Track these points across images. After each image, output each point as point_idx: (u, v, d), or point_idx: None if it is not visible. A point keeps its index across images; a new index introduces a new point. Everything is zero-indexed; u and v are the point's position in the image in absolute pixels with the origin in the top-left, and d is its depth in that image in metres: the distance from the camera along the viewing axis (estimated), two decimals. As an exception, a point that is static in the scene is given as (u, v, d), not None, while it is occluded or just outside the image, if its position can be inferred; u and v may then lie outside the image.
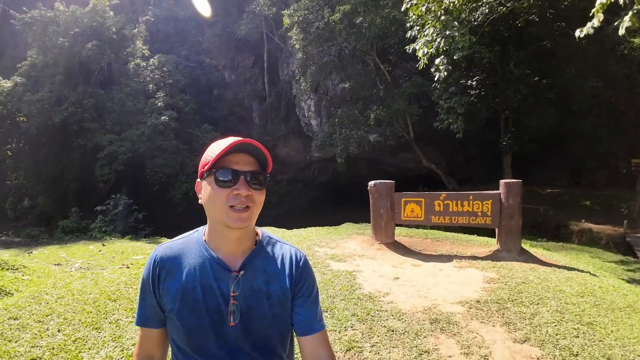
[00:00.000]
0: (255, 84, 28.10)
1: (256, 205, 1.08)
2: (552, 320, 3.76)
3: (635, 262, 9.42)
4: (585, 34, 6.38)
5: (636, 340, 3.43)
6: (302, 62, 18.99)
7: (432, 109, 18.73)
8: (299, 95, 24.68)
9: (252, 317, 1.08)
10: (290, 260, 1.17)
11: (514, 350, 3.30)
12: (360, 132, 18.57)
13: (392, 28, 17.15)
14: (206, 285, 1.08)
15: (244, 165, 1.06)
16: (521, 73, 16.86)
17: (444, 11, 9.50)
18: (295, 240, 6.79)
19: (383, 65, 19.14)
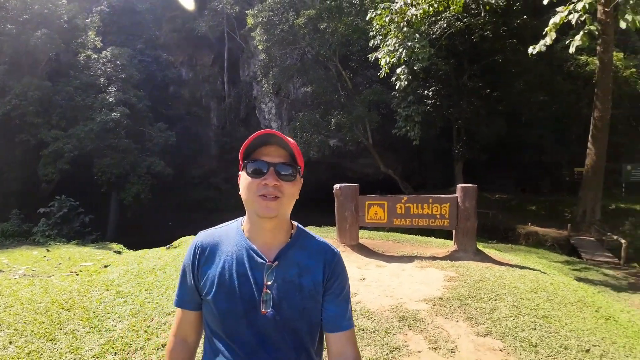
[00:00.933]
0: (214, 83, 27.56)
1: (286, 196, 1.11)
2: (510, 315, 4.01)
3: (580, 262, 10.25)
4: (537, 50, 6.95)
5: (589, 331, 3.75)
6: (264, 64, 18.91)
7: (391, 116, 19.38)
8: (260, 97, 24.52)
9: (284, 308, 1.11)
10: (325, 255, 1.19)
11: (477, 343, 3.48)
12: (321, 136, 18.78)
13: (355, 36, 17.60)
14: (241, 273, 1.12)
15: (275, 157, 1.11)
16: (474, 86, 17.91)
17: (406, 23, 9.92)
18: None
19: (345, 71, 19.53)
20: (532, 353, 3.33)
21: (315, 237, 1.24)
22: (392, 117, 19.57)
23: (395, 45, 10.12)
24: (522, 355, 3.30)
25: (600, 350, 3.43)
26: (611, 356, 3.35)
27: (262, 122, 25.94)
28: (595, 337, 3.69)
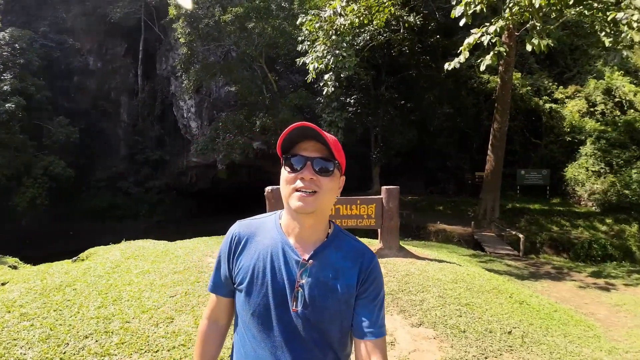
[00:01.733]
0: (126, 76, 25.28)
1: (323, 191, 1.09)
2: (438, 305, 4.41)
3: (485, 255, 11.53)
4: (452, 67, 7.73)
5: (508, 315, 4.29)
6: (185, 59, 17.94)
7: (315, 120, 19.83)
8: (178, 93, 23.08)
9: (315, 308, 1.11)
10: (361, 258, 1.16)
11: (413, 333, 3.78)
12: (244, 138, 18.46)
13: (282, 39, 17.71)
14: (276, 267, 1.12)
15: (312, 152, 1.10)
16: (391, 96, 19.28)
17: (335, 32, 10.32)
18: (182, 253, 6.22)
19: (270, 74, 19.50)
20: (462, 338, 3.71)
21: (352, 239, 1.22)
22: (316, 121, 20.05)
23: (324, 52, 10.43)
24: (454, 341, 3.66)
25: (520, 332, 3.96)
26: (531, 336, 3.89)
27: (179, 120, 24.48)
28: (514, 320, 4.25)
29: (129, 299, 4.11)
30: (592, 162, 15.91)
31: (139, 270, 5.12)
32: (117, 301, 4.06)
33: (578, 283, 8.46)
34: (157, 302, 4.06)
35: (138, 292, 4.32)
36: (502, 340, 3.78)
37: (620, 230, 13.59)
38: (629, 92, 17.63)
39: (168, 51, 24.29)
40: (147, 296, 4.20)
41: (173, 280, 4.73)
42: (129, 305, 3.98)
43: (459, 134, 21.50)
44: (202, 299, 4.18)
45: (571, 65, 20.27)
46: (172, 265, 5.36)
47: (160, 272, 5.03)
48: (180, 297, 4.24)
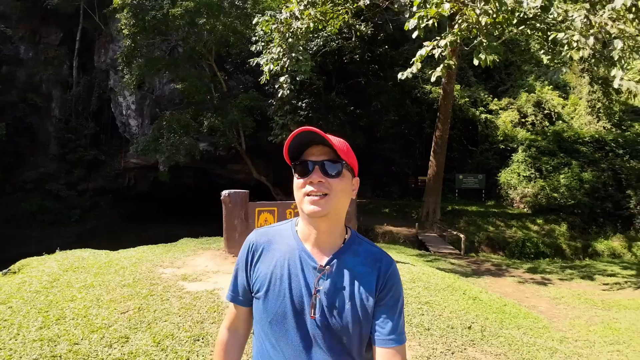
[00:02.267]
0: (60, 67, 23.09)
1: (334, 192, 1.09)
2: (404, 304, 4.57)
3: (430, 254, 12.11)
4: (404, 77, 8.07)
5: (465, 311, 4.53)
6: (128, 52, 16.84)
7: (265, 123, 19.68)
8: (118, 88, 21.55)
9: (333, 315, 1.10)
10: (379, 263, 1.15)
11: (382, 332, 3.88)
12: (190, 139, 17.73)
13: (232, 38, 17.32)
14: (293, 275, 1.13)
15: (319, 156, 1.10)
16: (341, 102, 19.67)
17: (291, 34, 10.32)
18: (128, 263, 5.82)
19: (219, 73, 18.98)
20: (427, 336, 3.87)
21: (369, 244, 1.21)
22: (266, 124, 19.87)
23: (280, 54, 10.40)
24: (421, 339, 3.80)
25: (479, 326, 4.20)
26: (488, 330, 4.14)
27: (117, 117, 22.89)
28: (471, 315, 4.50)
29: (75, 317, 3.78)
30: (524, 168, 17.41)
31: (81, 284, 4.73)
32: (60, 320, 3.71)
33: (517, 278, 9.19)
34: (108, 320, 3.75)
35: (84, 309, 3.98)
36: (464, 335, 4.00)
37: (551, 230, 15.01)
38: (557, 104, 19.61)
39: (108, 43, 22.65)
40: (94, 313, 3.89)
41: (122, 294, 4.40)
42: (75, 324, 3.65)
43: (404, 140, 22.48)
44: (159, 314, 3.92)
45: (505, 79, 22.06)
46: (118, 277, 5.01)
47: (106, 286, 4.67)
48: (133, 313, 3.93)
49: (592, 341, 4.67)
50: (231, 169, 24.65)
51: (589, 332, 5.06)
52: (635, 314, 5.83)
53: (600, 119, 18.08)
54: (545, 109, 19.73)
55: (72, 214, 21.32)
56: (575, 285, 8.70)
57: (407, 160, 21.82)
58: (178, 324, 3.69)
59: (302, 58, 10.25)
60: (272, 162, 23.87)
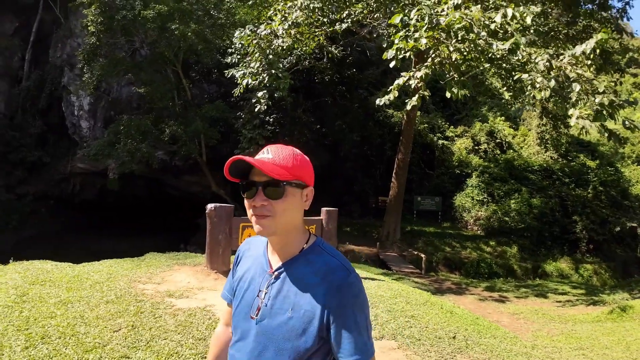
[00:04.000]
0: (11, 59, 21.39)
1: (278, 212, 1.10)
2: (390, 318, 4.83)
3: (393, 273, 12.58)
4: (383, 102, 8.61)
5: (446, 323, 4.90)
6: (91, 50, 16.18)
7: (227, 134, 19.61)
8: (72, 87, 20.31)
9: (272, 323, 1.12)
10: (332, 275, 1.11)
11: (379, 346, 4.10)
12: (149, 146, 17.15)
13: (201, 46, 17.24)
14: (252, 278, 1.21)
15: (262, 176, 1.10)
16: (307, 120, 20.14)
17: (272, 51, 10.59)
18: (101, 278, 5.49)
19: (185, 80, 18.72)
20: (420, 346, 4.18)
21: (329, 254, 1.17)
22: (228, 136, 19.77)
23: (259, 69, 10.60)
24: (415, 349, 4.10)
25: (461, 336, 4.58)
26: (471, 339, 4.54)
27: (68, 117, 21.48)
28: (452, 327, 4.88)
29: (61, 336, 3.58)
30: (477, 192, 18.73)
31: (55, 299, 4.47)
32: (46, 339, 3.51)
33: (477, 296, 9.88)
34: (100, 339, 3.59)
35: (68, 326, 3.79)
36: (451, 344, 4.36)
37: (503, 251, 16.20)
38: (508, 134, 21.40)
39: (66, 37, 21.41)
40: (83, 332, 3.71)
41: (108, 311, 4.24)
42: (64, 343, 3.46)
43: (365, 161, 23.31)
44: (155, 331, 3.85)
45: (461, 108, 23.76)
46: (98, 293, 4.80)
47: (87, 302, 4.45)
48: (127, 331, 3.81)
49: (559, 347, 5.25)
50: (186, 180, 23.91)
51: (553, 342, 5.66)
52: (591, 326, 6.58)
53: (548, 149, 20.01)
54: (497, 138, 21.46)
55: (10, 220, 19.62)
56: (531, 302, 9.53)
57: (368, 180, 22.59)
58: (180, 342, 3.66)
59: (281, 75, 10.49)
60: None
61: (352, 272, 1.13)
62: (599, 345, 5.49)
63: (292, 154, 1.16)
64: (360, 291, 1.13)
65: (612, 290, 11.27)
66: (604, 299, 9.54)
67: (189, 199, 24.36)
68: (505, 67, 8.79)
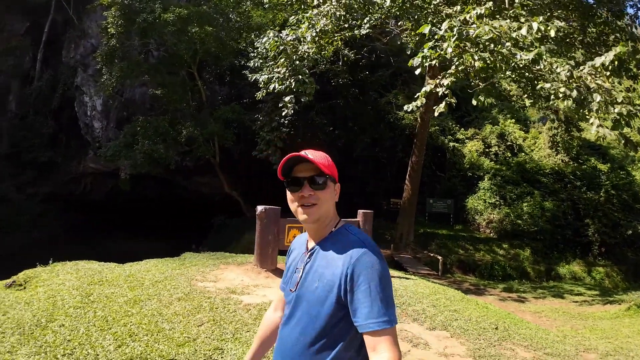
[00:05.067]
0: (22, 58, 21.95)
1: (322, 201, 1.38)
2: (436, 312, 5.37)
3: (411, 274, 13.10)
4: (410, 109, 9.17)
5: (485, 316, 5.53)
6: (109, 51, 16.73)
7: (240, 136, 20.17)
8: (85, 87, 20.89)
9: (304, 293, 1.37)
10: (351, 250, 1.31)
11: (434, 335, 4.64)
12: (166, 148, 17.64)
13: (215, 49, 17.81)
14: (295, 260, 1.52)
15: (307, 172, 1.38)
16: (320, 122, 20.67)
17: (299, 57, 11.13)
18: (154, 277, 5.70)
19: (201, 82, 19.26)
20: (469, 335, 4.75)
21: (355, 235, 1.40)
22: (242, 137, 20.31)
23: (286, 74, 11.12)
24: (465, 337, 4.67)
25: (502, 327, 5.17)
26: (510, 330, 5.12)
27: (80, 118, 21.94)
28: (492, 319, 5.45)
29: (148, 333, 3.81)
30: (489, 195, 19.29)
31: (124, 298, 4.73)
32: (134, 337, 3.71)
33: (496, 297, 10.44)
34: (188, 334, 3.84)
35: (151, 323, 4.03)
36: (495, 334, 4.93)
37: (516, 254, 16.75)
38: (519, 137, 21.97)
39: (80, 38, 21.94)
40: (168, 328, 3.94)
41: (184, 308, 4.51)
42: (155, 339, 3.68)
43: (376, 163, 23.85)
44: (237, 325, 4.17)
45: (471, 110, 24.31)
46: (164, 291, 5.12)
47: (158, 300, 4.74)
48: (210, 325, 4.10)
49: (586, 337, 5.84)
50: (197, 181, 24.35)
51: (579, 334, 6.25)
52: (610, 322, 7.18)
53: (559, 152, 20.56)
54: (507, 140, 22.02)
55: (20, 221, 20.08)
56: (549, 302, 10.11)
57: (379, 182, 23.13)
58: None
59: (307, 81, 11.04)
60: (242, 176, 24.08)
61: (370, 246, 1.32)
62: (621, 335, 6.09)
63: (325, 156, 1.44)
64: (376, 262, 1.28)
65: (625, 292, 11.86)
66: (619, 298, 10.13)
67: (199, 200, 24.86)
68: (528, 76, 9.35)
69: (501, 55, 8.14)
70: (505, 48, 8.01)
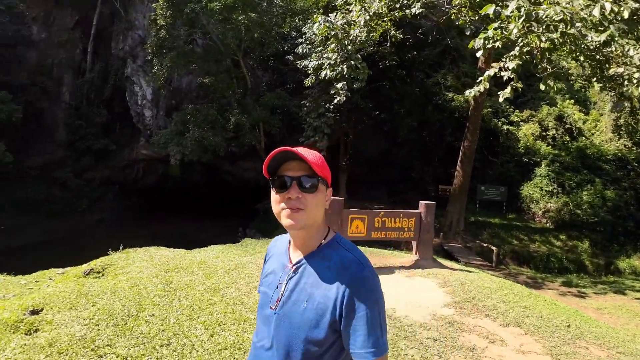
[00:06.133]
0: (73, 51, 23.44)
1: (310, 206, 1.22)
2: (507, 308, 5.37)
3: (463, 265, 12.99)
4: (472, 95, 8.94)
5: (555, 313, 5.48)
6: (159, 42, 17.40)
7: (290, 122, 20.42)
8: (135, 77, 21.98)
9: (288, 312, 1.23)
10: (345, 271, 1.20)
11: (509, 332, 4.69)
12: (216, 135, 18.26)
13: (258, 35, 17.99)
14: (275, 273, 1.36)
15: (297, 171, 1.22)
16: (365, 105, 20.43)
17: (350, 42, 11.02)
18: (225, 265, 5.97)
19: (245, 69, 19.61)
20: (542, 332, 4.76)
21: (346, 249, 1.27)
22: (290, 123, 20.55)
23: (337, 60, 11.09)
24: (539, 335, 4.69)
25: (574, 325, 5.14)
26: (582, 327, 5.11)
27: (132, 107, 23.24)
28: (562, 317, 5.41)
29: (235, 322, 4.05)
30: (546, 182, 18.54)
31: (203, 286, 4.99)
32: (222, 326, 3.95)
33: (556, 291, 10.19)
34: None
35: (236, 312, 4.28)
36: (568, 332, 4.91)
37: (574, 246, 16.14)
38: (579, 119, 20.81)
39: (127, 30, 23.08)
40: (252, 317, 4.18)
41: None
42: (242, 328, 3.93)
43: (422, 147, 23.38)
44: None
45: (525, 90, 23.21)
46: (241, 280, 5.38)
47: (236, 289, 5.00)
48: None
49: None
50: (241, 167, 25.07)
51: (646, 332, 6.07)
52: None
53: (622, 136, 19.32)
54: (566, 123, 20.91)
55: (80, 204, 21.59)
56: (610, 298, 9.76)
57: (426, 168, 22.74)
58: None
59: (360, 66, 10.97)
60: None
61: (367, 266, 1.22)
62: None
63: (319, 155, 1.28)
64: (375, 286, 1.19)
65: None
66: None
67: (244, 185, 25.59)
68: (598, 58, 8.82)
69: (571, 36, 7.75)
70: (575, 29, 7.62)
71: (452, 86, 22.46)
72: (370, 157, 21.84)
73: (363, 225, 7.19)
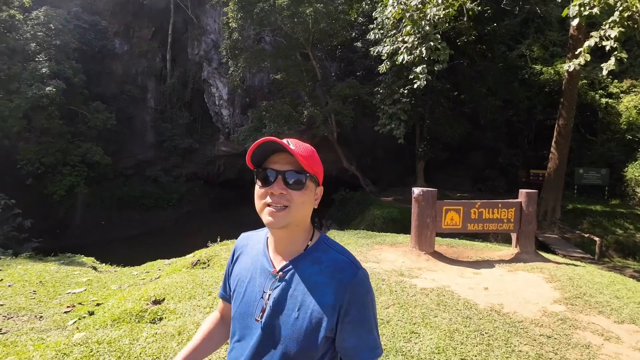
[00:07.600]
0: (153, 60, 25.85)
1: (296, 204, 1.11)
2: (621, 304, 5.00)
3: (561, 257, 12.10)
4: (573, 68, 8.22)
5: None
6: (232, 45, 18.35)
7: (362, 111, 20.35)
8: (211, 80, 23.58)
9: (277, 323, 1.13)
10: (340, 274, 1.13)
11: (624, 329, 4.41)
12: (292, 130, 18.83)
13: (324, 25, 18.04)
14: (253, 278, 1.22)
15: (284, 165, 1.12)
16: (443, 87, 19.53)
17: (428, 22, 10.60)
18: None
19: (315, 62, 19.88)
20: (662, 331, 4.32)
21: (336, 251, 1.20)
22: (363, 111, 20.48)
23: (414, 43, 10.71)
24: (660, 335, 4.26)
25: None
26: None
27: (210, 107, 25.12)
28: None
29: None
30: (657, 163, 16.49)
31: None
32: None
33: (676, 288, 9.04)
34: (379, 316, 4.06)
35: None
36: (689, 332, 4.39)
37: (688, 237, 14.24)
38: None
39: (200, 35, 24.89)
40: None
41: None
42: None
43: (508, 129, 21.90)
44: (424, 309, 4.43)
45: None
46: None
47: None
48: (397, 308, 4.44)
49: None
50: (317, 157, 25.73)
51: None
52: None
53: None
54: (679, 92, 18.35)
55: (170, 198, 23.75)
56: None
57: (514, 151, 21.34)
58: (451, 319, 4.27)
59: (440, 47, 10.54)
60: (354, 151, 24.46)
61: (361, 268, 1.16)
62: None
63: (311, 148, 1.18)
64: (370, 287, 1.16)
65: None
66: None
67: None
68: None
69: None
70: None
71: (539, 58, 20.73)
72: (450, 143, 20.96)
73: (458, 217, 7.00)
